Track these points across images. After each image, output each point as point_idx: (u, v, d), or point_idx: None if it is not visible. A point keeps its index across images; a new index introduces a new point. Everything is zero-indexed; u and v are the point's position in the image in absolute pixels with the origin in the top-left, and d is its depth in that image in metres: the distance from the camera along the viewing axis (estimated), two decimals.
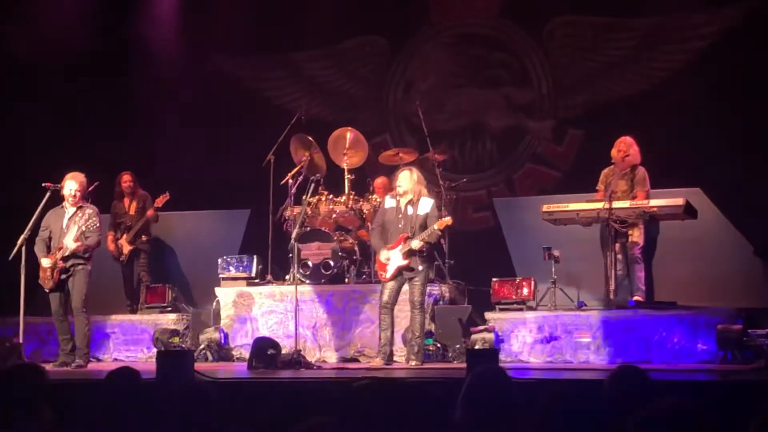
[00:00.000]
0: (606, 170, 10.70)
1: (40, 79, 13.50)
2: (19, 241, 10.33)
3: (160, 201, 12.29)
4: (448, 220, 9.91)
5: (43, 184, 10.52)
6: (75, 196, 10.44)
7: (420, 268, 9.82)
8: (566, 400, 4.35)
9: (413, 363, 9.74)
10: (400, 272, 9.87)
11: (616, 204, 10.20)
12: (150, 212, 12.36)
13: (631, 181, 10.56)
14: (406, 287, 9.98)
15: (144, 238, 12.46)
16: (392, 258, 9.85)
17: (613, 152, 10.63)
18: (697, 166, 11.61)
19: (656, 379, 5.96)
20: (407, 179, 9.96)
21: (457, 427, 4.28)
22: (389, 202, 10.14)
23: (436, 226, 9.77)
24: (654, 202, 10.23)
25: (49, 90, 13.61)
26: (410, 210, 9.92)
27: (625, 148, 10.59)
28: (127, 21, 14.33)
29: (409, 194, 9.93)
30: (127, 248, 12.39)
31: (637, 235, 10.38)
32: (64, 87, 13.75)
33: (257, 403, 7.57)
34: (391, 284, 9.91)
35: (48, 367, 10.18)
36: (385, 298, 9.91)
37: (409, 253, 9.79)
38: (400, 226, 9.93)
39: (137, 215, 12.43)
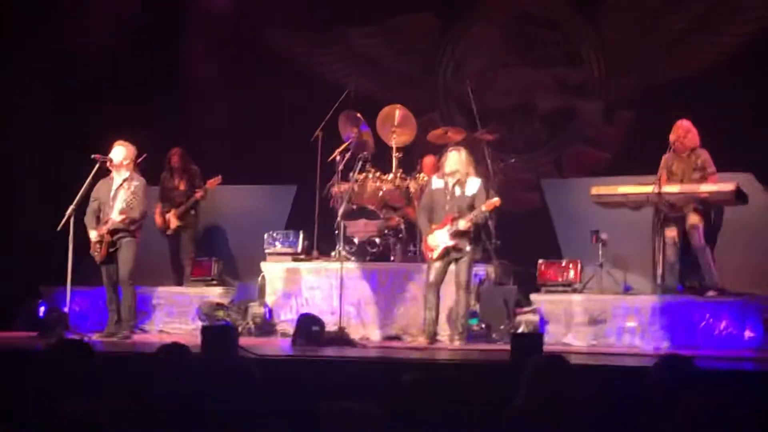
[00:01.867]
0: (666, 155, 10.44)
1: (92, 55, 13.50)
2: (68, 212, 10.39)
3: (212, 183, 12.33)
4: (496, 201, 9.86)
5: (92, 156, 10.57)
6: (121, 163, 10.50)
7: (467, 248, 9.79)
8: (613, 387, 4.35)
9: (457, 343, 9.73)
10: (446, 252, 9.84)
11: (665, 188, 10.07)
12: (199, 193, 12.37)
13: (691, 165, 10.37)
14: (452, 267, 9.95)
15: (192, 212, 12.50)
16: (439, 238, 9.82)
17: (671, 137, 10.40)
18: (749, 150, 11.45)
19: (702, 368, 5.89)
20: (455, 159, 9.94)
21: (518, 411, 4.29)
22: (436, 182, 10.10)
23: (483, 207, 9.74)
24: (704, 187, 10.07)
25: (101, 65, 13.65)
26: (458, 190, 9.89)
27: (683, 132, 10.41)
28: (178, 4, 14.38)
29: (457, 174, 9.89)
30: (174, 223, 12.43)
31: (696, 219, 10.12)
32: (116, 62, 13.79)
33: (300, 379, 7.59)
34: (437, 264, 9.89)
35: (94, 337, 10.37)
36: (432, 278, 9.90)
37: (456, 234, 9.76)
38: (447, 207, 9.90)
39: (186, 191, 12.46)
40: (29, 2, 13.58)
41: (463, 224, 9.71)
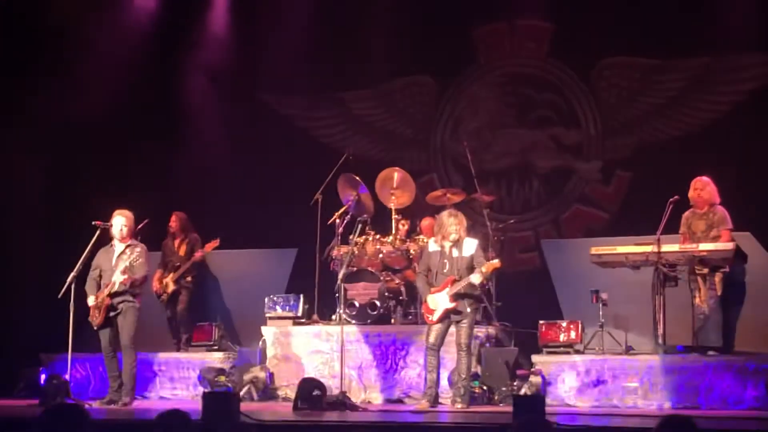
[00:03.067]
0: (686, 213, 10.53)
1: (89, 121, 13.54)
2: (69, 279, 10.43)
3: (210, 246, 12.38)
4: (496, 263, 9.85)
5: (93, 223, 10.62)
6: (122, 231, 10.55)
7: (467, 310, 9.79)
8: None
9: (459, 405, 9.69)
10: (447, 315, 9.84)
11: (665, 248, 10.11)
12: (198, 254, 12.43)
13: (709, 221, 10.42)
14: (452, 329, 9.94)
15: (188, 278, 12.52)
16: (439, 301, 9.83)
17: (690, 193, 10.47)
18: (747, 209, 11.48)
19: (704, 428, 5.87)
20: (450, 222, 9.92)
21: None
22: (432, 246, 10.11)
23: (484, 269, 9.73)
24: (703, 246, 10.12)
25: (97, 131, 13.71)
26: (455, 252, 9.90)
27: (701, 186, 10.48)
28: (177, 60, 14.47)
29: (453, 236, 9.90)
30: (171, 287, 12.44)
31: (716, 281, 10.15)
32: (114, 128, 13.86)
33: None
34: (437, 326, 9.88)
35: (95, 404, 10.35)
36: (432, 339, 9.89)
37: (456, 296, 9.76)
38: (445, 270, 9.91)
39: (186, 257, 12.50)
40: (21, 70, 13.66)
41: (476, 278, 9.69)
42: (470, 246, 9.92)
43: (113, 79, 13.55)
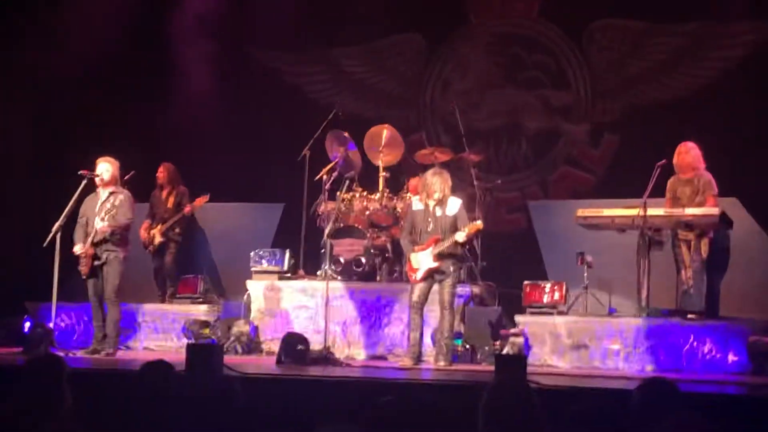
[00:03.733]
0: (672, 179, 10.55)
1: (75, 70, 13.45)
2: (54, 228, 10.40)
3: (200, 201, 12.34)
4: (479, 224, 9.85)
5: (79, 172, 10.59)
6: (102, 177, 10.52)
7: (450, 269, 9.81)
8: (593, 410, 4.36)
9: (441, 363, 9.74)
10: (430, 274, 9.86)
11: (650, 211, 10.15)
12: (187, 209, 12.39)
13: (695, 187, 10.45)
14: (436, 287, 9.97)
15: (176, 230, 12.49)
16: (422, 260, 9.85)
17: (674, 159, 10.51)
18: (734, 175, 11.51)
19: (685, 391, 5.92)
20: (435, 181, 9.91)
21: None
22: (417, 204, 10.12)
23: (466, 230, 9.73)
24: (689, 211, 10.16)
25: (84, 81, 13.63)
26: (438, 211, 9.90)
27: (685, 150, 10.49)
28: (165, 17, 14.37)
29: (436, 195, 9.88)
30: (158, 239, 12.42)
31: (701, 246, 10.20)
32: (101, 78, 13.79)
33: (285, 399, 7.60)
34: (421, 284, 9.91)
35: (79, 353, 10.36)
36: (415, 297, 9.91)
37: (440, 256, 9.78)
38: (429, 228, 9.92)
39: (173, 209, 12.46)
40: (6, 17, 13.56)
41: (460, 236, 9.70)
42: (454, 205, 9.92)
43: (100, 30, 13.41)
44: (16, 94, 13.20)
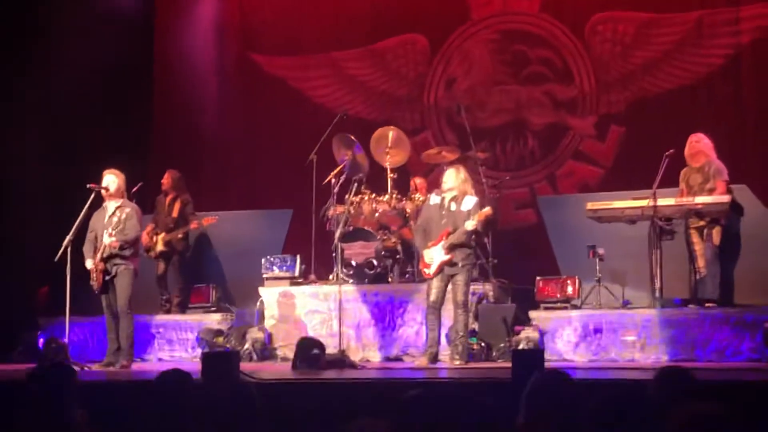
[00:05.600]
0: (684, 169, 10.57)
1: (80, 85, 13.46)
2: (65, 243, 10.39)
3: (208, 221, 12.22)
4: (487, 210, 9.85)
5: (88, 186, 10.59)
6: (108, 189, 10.52)
7: (462, 261, 9.79)
8: (610, 402, 4.34)
9: (457, 362, 9.72)
10: (442, 268, 9.85)
11: (661, 201, 10.14)
12: (194, 224, 12.25)
13: (705, 174, 10.43)
14: (450, 286, 9.96)
15: (180, 236, 12.42)
16: (434, 254, 9.85)
17: (686, 151, 10.50)
18: (742, 162, 11.49)
19: (701, 380, 5.90)
20: (453, 176, 9.97)
21: (520, 429, 4.29)
22: (434, 198, 10.16)
23: (476, 217, 9.72)
24: (699, 200, 10.15)
25: (90, 95, 13.64)
26: (453, 206, 9.92)
27: (697, 139, 10.49)
28: (165, 26, 14.40)
29: (453, 191, 9.92)
30: (160, 247, 12.34)
31: (713, 234, 10.22)
32: (107, 91, 13.80)
33: (302, 403, 7.59)
34: (437, 284, 9.89)
35: (93, 367, 10.38)
36: (433, 297, 9.90)
37: (451, 248, 9.77)
38: (443, 222, 9.93)
39: (178, 218, 12.38)
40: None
41: (470, 224, 9.69)
42: (469, 202, 9.93)
43: (102, 41, 13.44)
44: (26, 119, 13.21)
